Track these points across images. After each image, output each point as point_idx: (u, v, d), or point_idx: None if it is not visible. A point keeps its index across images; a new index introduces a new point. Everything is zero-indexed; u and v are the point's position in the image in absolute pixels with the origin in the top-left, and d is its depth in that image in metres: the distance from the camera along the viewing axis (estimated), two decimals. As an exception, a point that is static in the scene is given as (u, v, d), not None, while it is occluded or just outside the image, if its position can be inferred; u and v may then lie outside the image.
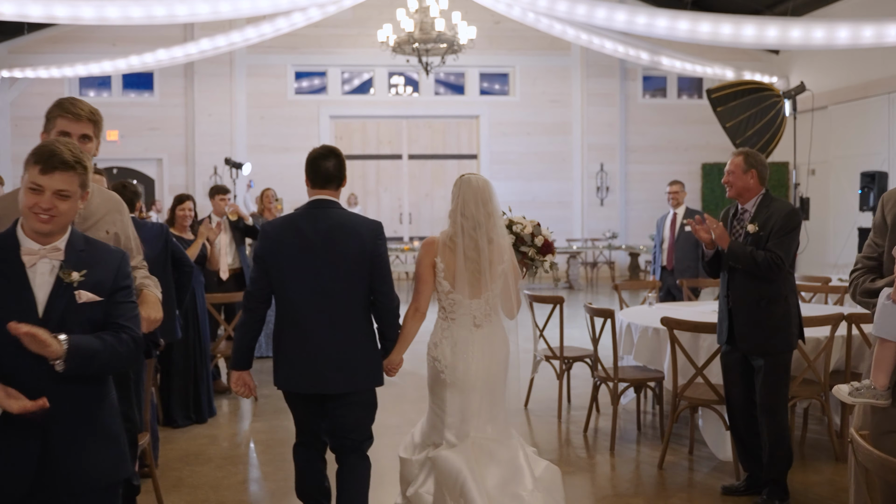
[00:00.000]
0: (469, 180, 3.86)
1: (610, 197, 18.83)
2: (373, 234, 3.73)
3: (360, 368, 3.73)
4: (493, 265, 3.79)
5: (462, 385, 3.79)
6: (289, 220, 3.75)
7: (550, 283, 16.87)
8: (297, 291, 3.68)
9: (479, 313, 3.82)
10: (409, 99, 18.75)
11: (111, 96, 18.23)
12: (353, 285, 3.69)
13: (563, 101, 18.72)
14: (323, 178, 3.76)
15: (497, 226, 3.86)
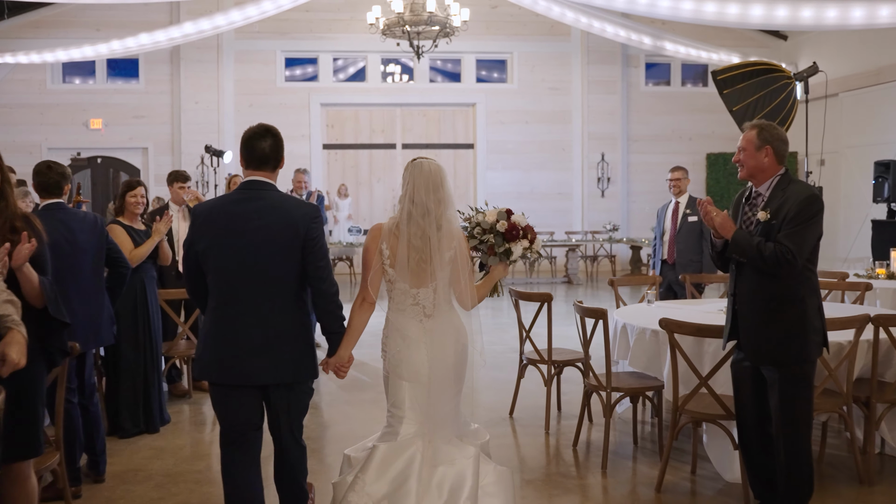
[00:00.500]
0: (420, 164, 3.69)
1: (611, 188, 18.17)
2: (306, 218, 3.53)
3: (285, 358, 3.51)
4: (441, 252, 3.63)
5: (414, 379, 3.65)
6: (219, 203, 3.63)
7: (548, 277, 16.22)
8: (225, 276, 3.50)
9: (427, 303, 3.65)
10: (403, 86, 18.09)
11: (95, 83, 17.57)
12: (284, 271, 3.50)
13: (562, 89, 18.04)
14: (258, 158, 3.58)
15: (447, 213, 3.68)
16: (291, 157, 18.26)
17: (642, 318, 5.42)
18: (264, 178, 3.59)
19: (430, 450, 3.58)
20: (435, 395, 3.64)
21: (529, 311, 6.19)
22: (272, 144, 3.60)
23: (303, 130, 17.56)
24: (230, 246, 3.47)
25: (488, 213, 4.15)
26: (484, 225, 4.04)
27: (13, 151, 17.08)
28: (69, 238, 4.80)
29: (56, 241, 4.54)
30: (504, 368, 7.72)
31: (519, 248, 4.07)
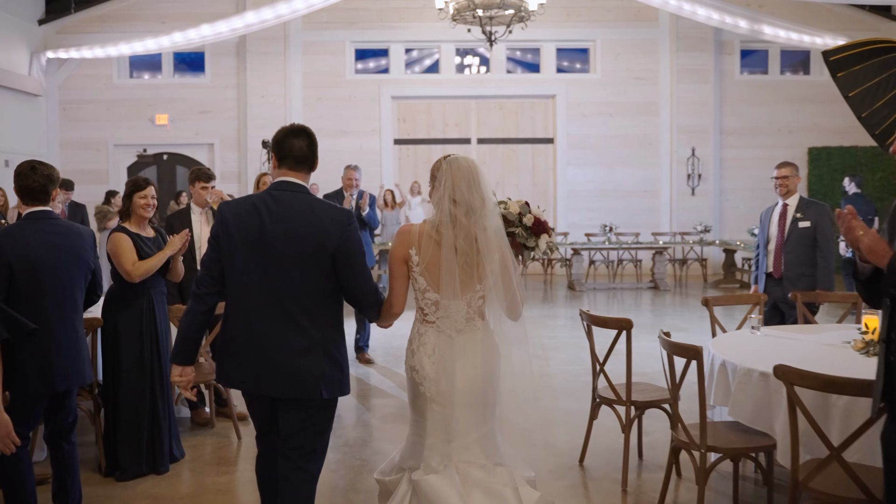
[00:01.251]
0: (457, 160, 3.42)
1: (702, 185, 16.79)
2: (339, 225, 3.26)
3: (304, 374, 3.25)
4: (489, 257, 3.34)
5: (444, 400, 3.37)
6: (248, 202, 3.36)
7: (633, 282, 15.00)
8: (246, 281, 3.29)
9: (459, 317, 3.38)
10: (478, 78, 17.08)
11: (162, 78, 17.10)
12: (309, 281, 3.26)
13: (649, 79, 16.75)
14: (295, 157, 3.36)
15: (490, 212, 3.39)
16: (361, 153, 17.55)
17: (747, 354, 4.29)
18: (298, 181, 3.35)
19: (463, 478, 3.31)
20: (461, 417, 3.35)
21: (605, 338, 5.10)
22: (309, 144, 3.40)
23: (373, 125, 16.73)
24: (254, 249, 3.26)
25: (510, 204, 3.81)
26: (509, 217, 3.71)
27: (79, 148, 16.78)
28: (55, 254, 4.04)
29: (40, 258, 3.91)
30: (579, 397, 6.64)
31: (543, 243, 3.80)
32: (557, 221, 16.82)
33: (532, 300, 13.19)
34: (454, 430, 3.36)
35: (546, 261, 15.53)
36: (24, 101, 16.04)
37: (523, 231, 3.74)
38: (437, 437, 3.36)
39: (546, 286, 15.03)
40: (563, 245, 14.57)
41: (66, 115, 16.83)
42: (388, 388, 7.38)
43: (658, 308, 12.21)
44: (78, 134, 16.82)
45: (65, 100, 16.86)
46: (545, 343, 9.21)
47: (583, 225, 16.54)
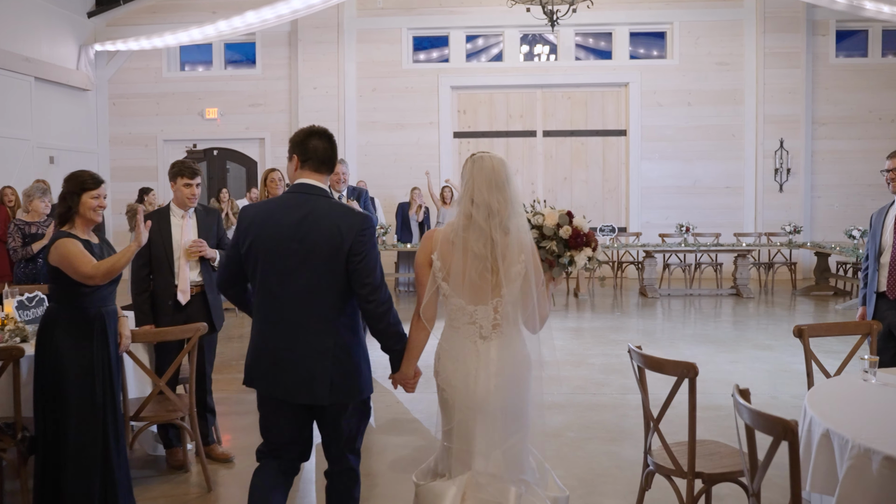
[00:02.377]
0: (481, 159, 3.23)
1: (791, 181, 15.24)
2: (353, 229, 3.22)
3: (321, 378, 3.23)
4: (509, 263, 3.16)
5: (466, 407, 3.21)
6: (267, 206, 3.35)
7: (712, 288, 13.59)
8: (266, 284, 3.28)
9: (485, 322, 3.21)
10: (544, 65, 15.86)
11: (212, 70, 16.38)
12: (324, 285, 3.23)
13: (733, 64, 15.28)
14: (319, 159, 3.32)
15: (516, 215, 3.18)
16: (419, 147, 16.53)
17: (861, 420, 3.06)
18: (319, 183, 3.33)
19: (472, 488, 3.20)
20: (483, 426, 3.19)
21: (663, 383, 3.93)
22: (331, 146, 3.38)
23: (431, 117, 15.68)
24: (273, 255, 3.26)
25: (547, 214, 3.55)
26: (546, 231, 3.50)
27: (129, 144, 16.19)
28: None
29: None
30: (639, 440, 5.41)
31: (583, 258, 3.52)
32: (630, 220, 15.49)
33: (599, 308, 11.95)
34: (477, 440, 3.20)
35: (617, 263, 14.23)
36: (72, 96, 15.51)
37: (557, 245, 3.48)
38: (461, 444, 3.24)
39: (616, 291, 13.75)
40: (634, 247, 13.25)
41: (116, 109, 16.28)
42: (411, 419, 6.29)
43: (740, 319, 10.84)
44: (127, 129, 16.24)
45: (114, 94, 16.30)
46: (606, 363, 8.00)
47: (657, 224, 15.18)
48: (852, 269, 13.05)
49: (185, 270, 5.04)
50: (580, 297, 12.85)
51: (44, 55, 14.57)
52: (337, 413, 3.33)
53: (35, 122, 14.12)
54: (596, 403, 6.55)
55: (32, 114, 14.09)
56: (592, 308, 11.93)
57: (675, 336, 9.49)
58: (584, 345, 8.97)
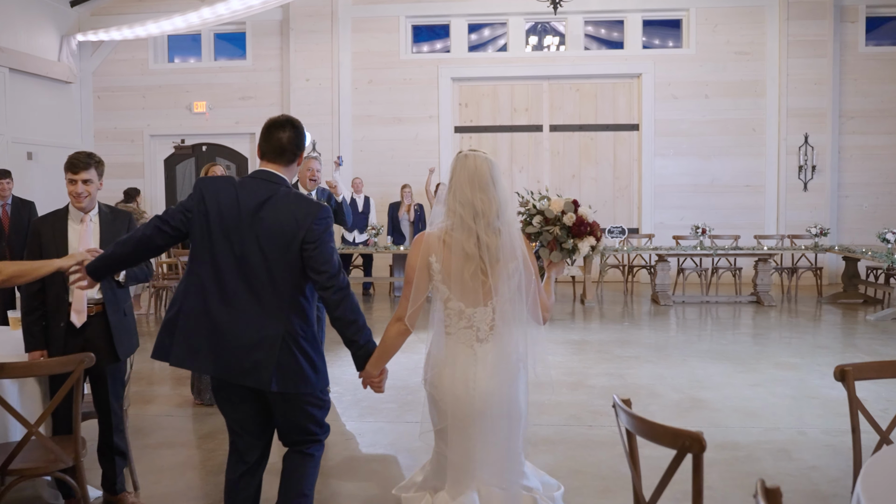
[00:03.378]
0: (465, 157, 3.17)
1: (817, 179, 14.20)
2: (309, 217, 3.21)
3: (267, 364, 3.17)
4: (503, 263, 3.10)
5: (464, 414, 3.12)
6: (227, 183, 3.31)
7: (730, 294, 12.58)
8: (212, 262, 3.22)
9: (482, 325, 3.14)
10: (551, 55, 14.89)
11: (201, 62, 15.52)
12: (278, 271, 3.21)
13: (754, 53, 14.25)
14: (273, 149, 3.33)
15: (505, 214, 3.12)
16: (417, 142, 15.58)
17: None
18: (277, 172, 3.32)
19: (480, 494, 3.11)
20: (482, 432, 3.10)
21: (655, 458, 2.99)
22: (291, 136, 3.33)
23: (430, 111, 14.75)
24: (229, 233, 3.21)
25: (553, 201, 3.60)
26: (548, 214, 3.55)
27: (114, 139, 15.36)
28: None
29: None
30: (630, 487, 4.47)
31: (586, 246, 3.52)
32: (642, 221, 14.50)
33: (606, 316, 10.98)
34: (476, 447, 3.13)
35: (627, 267, 13.24)
36: (53, 89, 14.70)
37: (560, 231, 3.54)
38: (459, 454, 3.15)
39: (626, 298, 12.77)
40: (646, 250, 12.25)
41: (101, 103, 15.46)
42: (368, 458, 5.35)
43: (761, 331, 9.84)
44: (113, 124, 15.42)
45: (99, 87, 15.48)
46: (608, 385, 7.04)
47: (672, 225, 14.18)
48: (884, 276, 11.99)
49: (80, 288, 4.14)
50: (587, 305, 11.88)
51: (21, 45, 13.75)
52: (288, 402, 3.29)
53: (10, 116, 13.32)
54: (591, 439, 5.59)
55: (6, 107, 13.29)
56: (600, 316, 10.96)
57: (688, 351, 8.50)
58: (586, 362, 8.00)
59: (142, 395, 6.90)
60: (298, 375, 3.23)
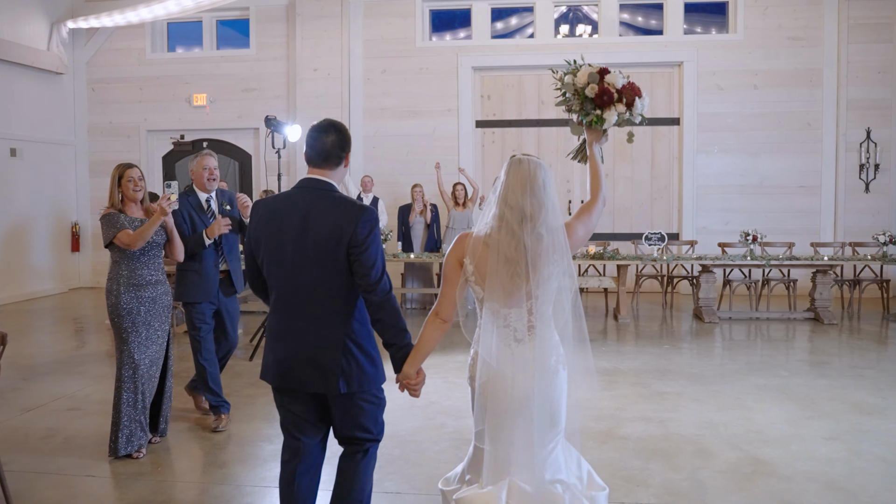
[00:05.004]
0: (519, 161, 3.16)
1: (880, 179, 12.70)
2: (354, 221, 3.21)
3: (331, 369, 3.26)
4: (543, 267, 3.10)
5: (501, 411, 3.14)
6: (275, 200, 3.39)
7: (783, 310, 11.11)
8: (275, 277, 3.34)
9: (519, 325, 3.15)
10: (582, 42, 13.51)
11: (202, 51, 14.34)
12: (330, 278, 3.25)
13: (809, 38, 12.77)
14: (318, 153, 3.34)
15: (551, 219, 3.12)
16: (435, 138, 14.22)
17: None
18: (321, 177, 3.33)
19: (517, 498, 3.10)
20: (519, 431, 3.12)
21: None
22: (335, 140, 3.34)
23: (449, 103, 13.45)
24: (279, 247, 3.30)
25: (580, 72, 3.47)
26: (578, 84, 3.47)
27: (109, 135, 14.26)
28: None
29: None
30: None
31: (613, 115, 3.45)
32: (682, 226, 13.09)
33: (643, 336, 9.61)
34: (515, 446, 3.14)
35: (667, 278, 11.82)
36: (42, 80, 13.64)
37: (583, 104, 3.47)
38: (495, 448, 3.16)
39: (664, 312, 11.38)
40: (688, 259, 10.83)
41: (95, 96, 14.38)
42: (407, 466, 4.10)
43: (824, 356, 8.42)
44: (108, 118, 14.33)
45: (93, 78, 14.40)
46: (646, 435, 5.68)
47: (716, 231, 12.76)
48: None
49: None
50: (620, 321, 10.51)
51: (5, 33, 12.68)
52: (349, 400, 3.32)
53: (-11, 109, 12.27)
54: None
55: (-15, 99, 12.24)
56: (635, 336, 9.59)
57: (741, 386, 7.11)
58: (619, 400, 6.64)
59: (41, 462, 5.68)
60: (362, 374, 3.31)
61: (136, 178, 5.25)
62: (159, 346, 5.33)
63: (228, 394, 6.71)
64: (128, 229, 5.12)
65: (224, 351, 6.09)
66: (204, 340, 5.85)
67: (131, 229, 5.12)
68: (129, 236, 5.09)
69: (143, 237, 5.09)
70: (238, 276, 6.01)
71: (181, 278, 5.83)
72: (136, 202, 5.30)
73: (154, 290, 5.25)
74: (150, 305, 5.21)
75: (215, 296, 5.86)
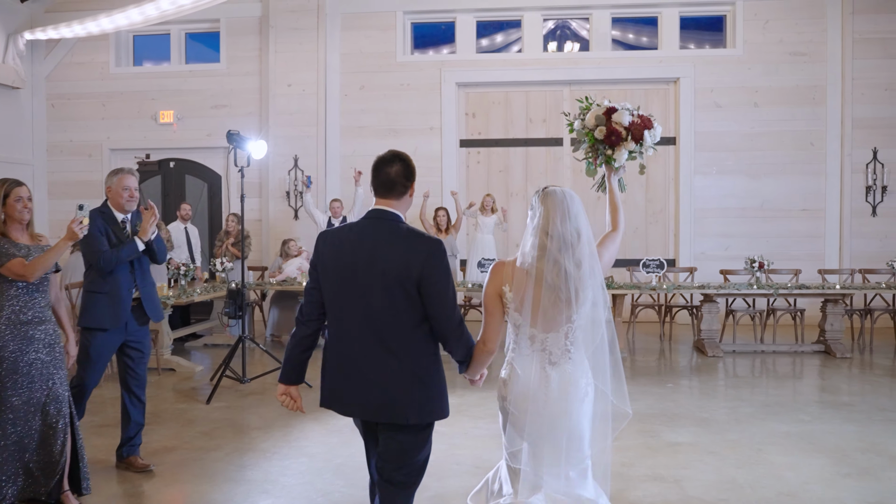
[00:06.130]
0: (554, 193, 3.29)
1: (888, 202, 12.00)
2: (423, 255, 3.23)
3: (398, 399, 3.26)
4: (581, 292, 3.22)
5: (534, 431, 3.25)
6: (343, 230, 3.42)
7: (790, 342, 10.33)
8: (340, 308, 3.33)
9: (555, 349, 3.26)
10: (572, 57, 12.79)
11: (168, 66, 13.51)
12: (398, 309, 3.25)
13: (812, 54, 12.11)
14: (383, 184, 3.35)
15: (586, 246, 3.25)
16: (417, 158, 13.12)
17: None
18: (388, 208, 3.36)
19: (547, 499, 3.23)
20: (551, 450, 3.23)
21: None
22: (399, 169, 3.35)
23: (432, 121, 12.68)
24: (346, 277, 3.30)
25: (591, 114, 3.67)
26: (588, 125, 3.68)
27: (70, 154, 13.36)
28: None
29: None
30: None
31: (623, 154, 3.64)
32: (679, 251, 12.33)
33: (642, 372, 8.80)
34: (543, 460, 3.25)
35: (665, 307, 11.01)
36: (-4, 95, 12.75)
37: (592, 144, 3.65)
38: (528, 465, 3.26)
39: (663, 345, 10.58)
40: (689, 288, 10.04)
41: (55, 112, 13.50)
42: None
43: (846, 395, 7.64)
44: (69, 136, 13.45)
45: (53, 94, 13.53)
46: (658, 499, 4.83)
47: (715, 256, 12.01)
48: None
49: None
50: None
51: (-46, 43, 11.82)
52: (402, 432, 3.32)
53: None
54: None
55: (-68, 114, 11.35)
56: (633, 372, 8.76)
57: (760, 433, 6.30)
58: (625, 453, 5.80)
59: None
60: (433, 407, 3.32)
61: (26, 197, 4.46)
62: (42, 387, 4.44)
63: (174, 447, 5.85)
64: (20, 257, 4.27)
65: (135, 414, 5.38)
66: (91, 385, 5.14)
67: (22, 257, 4.28)
68: (23, 266, 4.24)
69: (44, 267, 4.26)
70: (153, 303, 5.29)
71: (88, 301, 5.08)
72: (23, 225, 4.46)
73: (45, 331, 4.39)
74: (39, 348, 4.35)
75: (124, 326, 5.11)
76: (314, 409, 3.75)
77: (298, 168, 12.59)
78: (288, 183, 12.65)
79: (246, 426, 6.57)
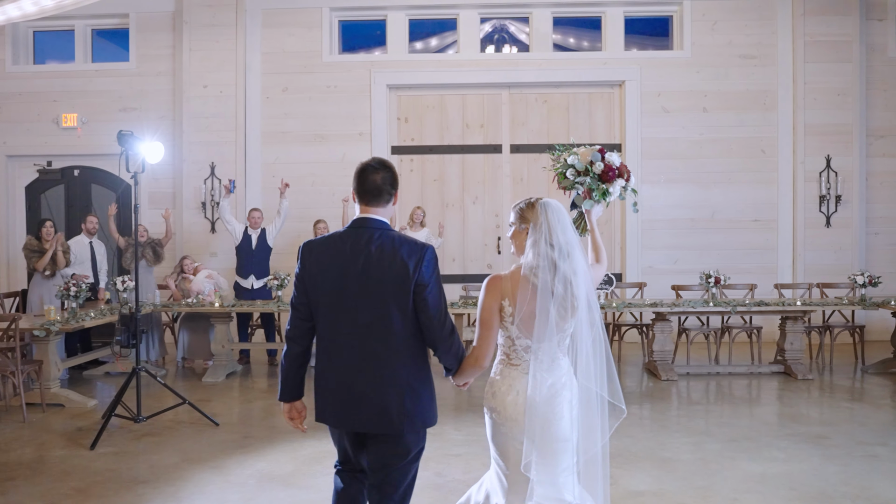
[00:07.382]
0: (549, 203, 3.31)
1: (842, 212, 11.43)
2: (416, 260, 3.22)
3: (392, 409, 3.22)
4: (577, 300, 3.23)
5: (527, 439, 3.22)
6: (329, 240, 3.36)
7: (747, 362, 9.62)
8: (330, 318, 3.27)
9: (546, 357, 3.26)
10: (512, 58, 11.98)
11: (72, 64, 12.32)
12: (390, 319, 3.21)
13: (762, 57, 11.51)
14: (368, 191, 3.32)
15: (580, 255, 3.30)
16: (344, 166, 11.92)
17: None
18: (375, 216, 3.32)
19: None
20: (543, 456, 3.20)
21: None
22: (385, 176, 3.33)
23: (361, 126, 11.74)
24: (336, 287, 3.24)
25: (580, 153, 3.85)
26: (579, 167, 3.80)
27: (-40, 161, 12.08)
28: None
29: None
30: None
31: (617, 189, 3.82)
32: (626, 265, 11.60)
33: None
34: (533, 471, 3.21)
35: (613, 326, 10.22)
36: None
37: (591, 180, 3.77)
38: (519, 474, 3.24)
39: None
40: (641, 306, 9.28)
41: (-56, 118, 12.17)
42: None
43: (815, 427, 6.91)
44: (-42, 147, 12.14)
45: (-58, 95, 12.21)
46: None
47: (663, 270, 11.31)
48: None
49: None
50: (563, 380, 8.86)
51: None
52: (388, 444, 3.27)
53: None
54: None
55: None
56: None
57: (733, 477, 5.50)
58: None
59: None
60: (422, 414, 3.27)
61: None
62: None
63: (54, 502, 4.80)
64: None
65: None
66: None
67: None
68: None
69: None
70: None
71: None
72: None
73: None
74: None
75: None
76: (218, 453, 2.77)
77: (215, 176, 11.52)
78: (204, 193, 11.56)
79: (131, 479, 5.51)
